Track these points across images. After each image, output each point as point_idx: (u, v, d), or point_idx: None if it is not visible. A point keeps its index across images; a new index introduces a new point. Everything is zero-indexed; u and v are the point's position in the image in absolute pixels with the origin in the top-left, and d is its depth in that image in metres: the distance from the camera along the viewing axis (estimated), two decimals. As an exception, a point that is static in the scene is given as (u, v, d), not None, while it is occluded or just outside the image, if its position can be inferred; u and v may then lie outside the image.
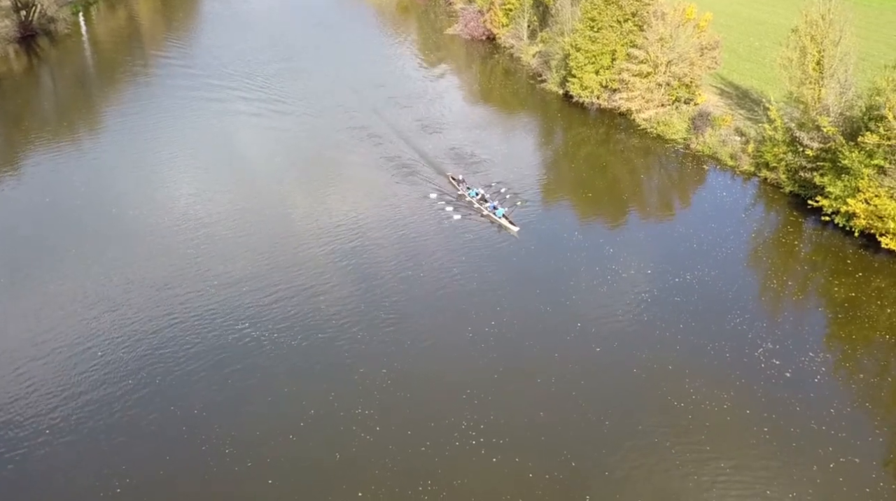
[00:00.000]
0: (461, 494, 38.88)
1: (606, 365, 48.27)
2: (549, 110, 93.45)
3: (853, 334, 51.77)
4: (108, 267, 58.34)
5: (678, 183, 75.12)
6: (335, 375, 47.21)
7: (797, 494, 38.74)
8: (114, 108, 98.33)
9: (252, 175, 75.99)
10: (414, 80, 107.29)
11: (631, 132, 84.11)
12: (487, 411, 43.83)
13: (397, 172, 75.29)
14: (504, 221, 62.83)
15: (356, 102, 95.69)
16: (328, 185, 72.76)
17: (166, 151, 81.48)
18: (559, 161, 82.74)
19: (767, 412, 43.79)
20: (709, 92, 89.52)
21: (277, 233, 63.98)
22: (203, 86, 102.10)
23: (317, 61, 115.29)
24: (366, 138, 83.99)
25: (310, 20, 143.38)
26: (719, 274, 56.58)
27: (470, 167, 75.95)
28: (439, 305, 54.19)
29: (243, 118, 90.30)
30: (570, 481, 39.82)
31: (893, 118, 54.86)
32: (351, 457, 40.76)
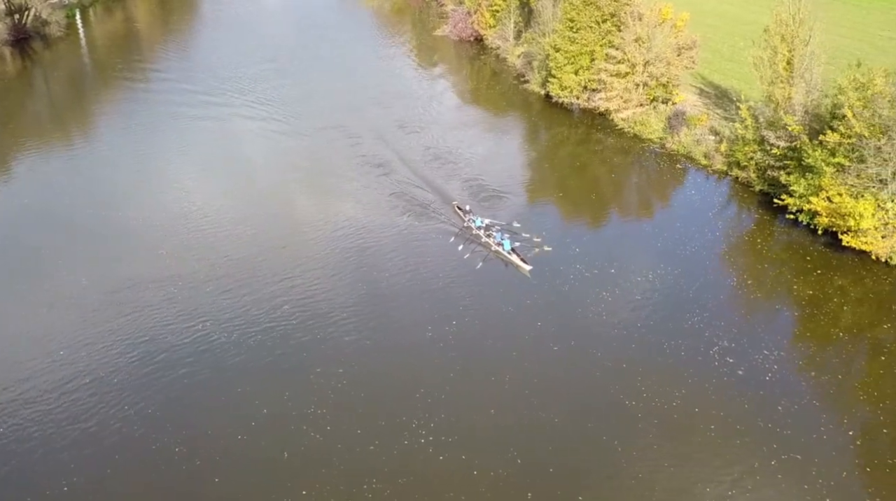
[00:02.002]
0: (404, 491, 39.56)
1: (561, 364, 48.85)
2: (532, 111, 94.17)
3: (810, 332, 52.34)
4: (72, 267, 59.44)
5: (650, 182, 75.88)
6: (292, 375, 47.94)
7: (735, 491, 38.77)
8: (102, 111, 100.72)
9: (231, 173, 77.60)
10: (401, 82, 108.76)
11: (609, 132, 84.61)
12: (439, 410, 44.52)
13: (374, 172, 76.89)
14: (514, 258, 59.12)
15: (342, 103, 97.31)
16: (306, 181, 74.20)
17: (151, 156, 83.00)
18: (536, 161, 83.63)
19: (716, 410, 44.13)
20: (688, 91, 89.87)
21: (253, 237, 65.19)
22: (193, 93, 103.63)
23: (305, 63, 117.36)
24: (346, 137, 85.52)
25: (304, 22, 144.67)
26: (682, 273, 56.99)
27: (445, 167, 77.18)
28: (400, 306, 55.07)
29: (232, 123, 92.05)
30: (514, 478, 40.36)
31: (853, 117, 55.02)
32: (299, 456, 41.43)
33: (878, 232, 54.85)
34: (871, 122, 54.35)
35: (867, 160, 54.67)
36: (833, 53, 68.89)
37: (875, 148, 54.01)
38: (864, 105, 55.08)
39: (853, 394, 45.77)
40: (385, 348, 50.08)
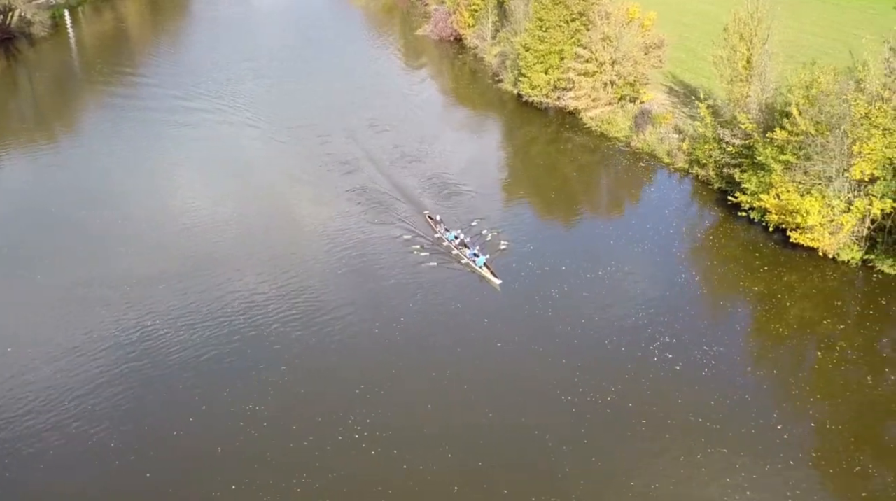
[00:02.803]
0: (333, 485, 40.27)
1: (502, 360, 49.59)
2: (505, 110, 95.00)
3: (753, 328, 53.06)
4: (30, 265, 60.82)
5: (610, 181, 76.84)
6: (234, 372, 48.79)
7: (658, 485, 39.40)
8: (82, 109, 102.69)
9: (199, 172, 78.78)
10: (378, 81, 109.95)
11: (578, 131, 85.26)
12: (377, 406, 45.22)
13: (341, 170, 77.95)
14: (486, 272, 57.48)
15: (318, 103, 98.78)
16: (268, 178, 75.55)
17: (129, 157, 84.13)
18: (503, 159, 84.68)
19: (649, 404, 44.76)
20: (658, 90, 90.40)
21: (206, 236, 66.28)
22: (173, 94, 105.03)
23: (287, 64, 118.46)
24: (316, 135, 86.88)
25: (291, 22, 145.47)
26: (631, 270, 57.66)
27: (413, 164, 78.30)
28: (349, 307, 55.69)
29: (209, 126, 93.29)
30: (443, 472, 41.09)
31: (798, 114, 55.52)
32: (232, 451, 42.09)
33: (824, 228, 54.97)
34: (817, 120, 54.48)
35: (813, 157, 54.88)
36: (806, 52, 69.13)
37: (821, 145, 54.27)
38: (811, 103, 55.20)
39: (787, 390, 46.40)
40: (329, 347, 50.78)
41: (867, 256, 56.34)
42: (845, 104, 53.12)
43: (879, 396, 45.61)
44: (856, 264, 56.51)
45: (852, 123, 52.90)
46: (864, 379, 46.75)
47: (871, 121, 52.65)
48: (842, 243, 56.57)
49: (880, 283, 54.65)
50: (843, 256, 56.81)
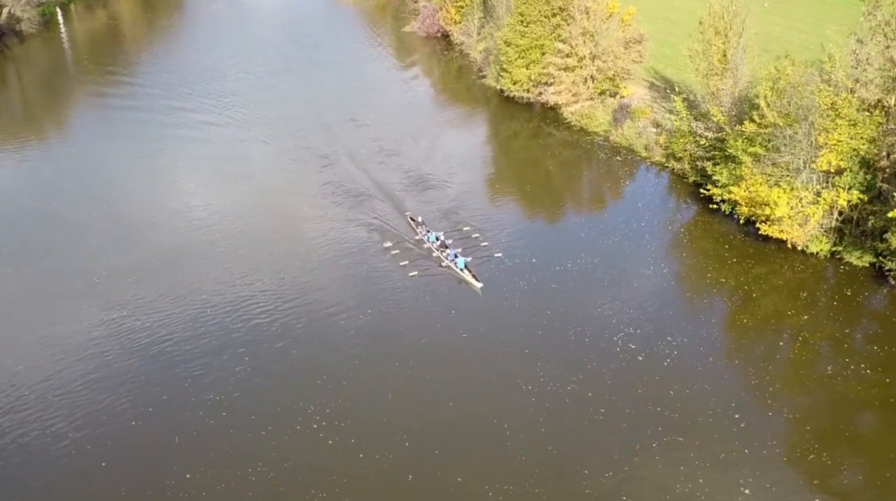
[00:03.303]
0: (287, 474, 40.40)
1: (467, 350, 49.71)
2: (489, 105, 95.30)
3: (718, 320, 53.34)
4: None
5: (587, 175, 77.50)
6: (196, 362, 49.04)
7: (611, 473, 39.52)
8: (66, 106, 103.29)
9: (180, 170, 78.91)
10: (363, 77, 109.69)
11: (559, 126, 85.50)
12: (337, 396, 45.33)
13: (319, 165, 78.15)
14: (467, 275, 56.33)
15: (303, 100, 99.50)
16: (243, 173, 75.82)
17: (113, 154, 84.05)
18: (485, 155, 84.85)
19: (609, 394, 44.88)
20: (640, 85, 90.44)
21: (181, 228, 66.67)
22: (161, 93, 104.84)
23: (274, 61, 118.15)
24: (296, 130, 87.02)
25: (285, 19, 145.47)
26: (600, 262, 57.76)
27: (391, 159, 78.58)
28: (314, 295, 55.93)
29: (193, 126, 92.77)
30: (399, 460, 41.29)
31: (766, 106, 55.58)
32: (190, 441, 42.29)
33: (792, 220, 55.04)
34: (784, 112, 54.56)
35: (781, 149, 54.97)
36: (788, 47, 68.91)
37: (788, 137, 54.31)
38: (778, 95, 55.29)
39: (747, 379, 46.68)
40: (294, 339, 50.98)
41: (835, 248, 56.44)
42: (811, 96, 52.76)
43: (838, 386, 45.79)
44: (824, 256, 56.61)
45: (818, 115, 52.65)
46: (824, 369, 46.78)
47: (837, 113, 52.36)
48: (810, 235, 56.53)
49: (846, 274, 54.88)
50: (811, 248, 56.86)
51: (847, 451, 41.04)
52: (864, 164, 52.94)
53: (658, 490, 38.47)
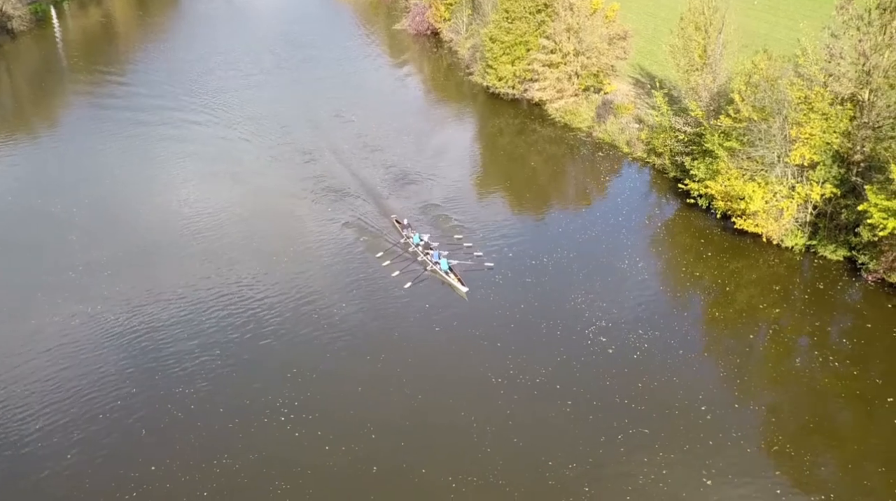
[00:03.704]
0: (252, 465, 40.72)
1: (438, 343, 49.98)
2: (475, 102, 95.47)
3: (690, 313, 53.51)
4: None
5: (568, 171, 77.62)
6: (168, 359, 49.39)
7: (576, 465, 39.72)
8: (56, 104, 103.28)
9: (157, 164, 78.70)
10: (350, 75, 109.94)
11: (543, 122, 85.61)
12: (306, 389, 45.43)
13: (303, 159, 78.38)
14: (452, 278, 55.18)
15: (290, 98, 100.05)
16: (222, 166, 76.01)
17: (100, 153, 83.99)
18: (469, 151, 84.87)
19: (577, 386, 45.10)
20: (625, 82, 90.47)
21: (158, 223, 67.11)
22: (147, 90, 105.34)
23: (264, 58, 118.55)
24: (281, 126, 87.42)
25: (277, 18, 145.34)
26: (576, 257, 57.90)
27: (374, 155, 78.73)
28: (292, 294, 56.19)
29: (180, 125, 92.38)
30: (364, 452, 41.54)
31: (740, 101, 55.68)
32: (157, 434, 42.59)
33: (767, 214, 55.12)
34: (759, 106, 54.65)
35: (756, 143, 55.01)
36: (772, 43, 68.90)
37: (763, 131, 54.37)
38: (752, 89, 55.38)
39: (715, 372, 46.92)
40: (264, 330, 51.50)
41: (810, 242, 56.42)
42: (785, 90, 52.86)
43: (806, 379, 45.98)
44: (799, 250, 56.69)
45: (792, 109, 52.72)
46: (793, 362, 46.92)
47: (810, 106, 52.43)
48: (786, 229, 56.56)
49: (820, 268, 55.00)
50: (787, 242, 56.95)
51: (811, 443, 41.20)
52: (838, 158, 52.88)
53: (620, 481, 38.60)
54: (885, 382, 44.07)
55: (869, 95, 52.68)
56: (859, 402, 43.43)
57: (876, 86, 51.20)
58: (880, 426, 41.84)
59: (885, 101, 50.75)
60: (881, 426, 41.82)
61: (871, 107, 52.28)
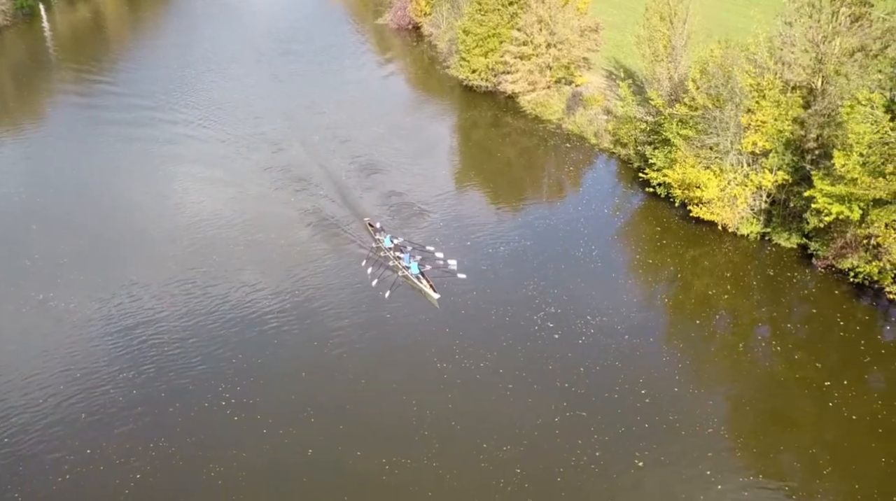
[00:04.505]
0: (188, 449, 40.99)
1: (386, 329, 50.21)
2: (452, 95, 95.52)
3: (639, 299, 53.53)
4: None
5: (535, 162, 77.80)
6: (114, 342, 49.77)
7: (510, 446, 39.92)
8: (36, 100, 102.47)
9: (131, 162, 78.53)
10: (328, 68, 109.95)
11: (516, 114, 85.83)
12: (250, 374, 45.58)
13: (270, 149, 78.30)
14: (422, 283, 53.40)
15: (267, 93, 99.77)
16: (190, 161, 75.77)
17: (78, 149, 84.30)
18: (441, 143, 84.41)
19: (520, 371, 45.22)
20: (598, 74, 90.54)
21: (125, 222, 67.35)
22: (137, 91, 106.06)
23: (251, 54, 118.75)
24: (254, 117, 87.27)
25: (267, 13, 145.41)
26: (532, 246, 58.15)
27: (345, 145, 78.88)
28: (239, 274, 56.55)
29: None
30: (303, 435, 41.69)
31: (695, 89, 55.77)
32: (96, 417, 42.82)
33: (722, 202, 55.23)
34: (713, 93, 54.77)
35: (709, 131, 55.09)
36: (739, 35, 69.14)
37: (715, 118, 54.47)
38: (707, 77, 55.52)
39: (658, 357, 47.03)
40: (211, 315, 51.84)
41: (765, 230, 56.44)
42: (736, 77, 52.94)
43: (746, 364, 46.30)
44: (755, 238, 56.84)
45: (743, 96, 52.80)
46: (736, 347, 47.14)
47: (761, 94, 52.50)
48: (741, 217, 56.62)
49: (773, 256, 55.16)
50: (742, 230, 57.14)
51: (745, 426, 41.58)
52: (791, 146, 52.88)
53: (553, 463, 38.85)
54: (824, 366, 44.36)
55: (821, 83, 52.38)
56: (798, 386, 44.03)
57: (827, 73, 50.90)
58: (817, 408, 42.67)
59: (837, 89, 50.33)
60: (817, 408, 42.66)
61: (824, 95, 51.96)
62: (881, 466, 38.07)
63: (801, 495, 36.94)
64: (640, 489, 37.33)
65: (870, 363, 44.75)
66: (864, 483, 37.46)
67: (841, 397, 42.04)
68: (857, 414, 41.13)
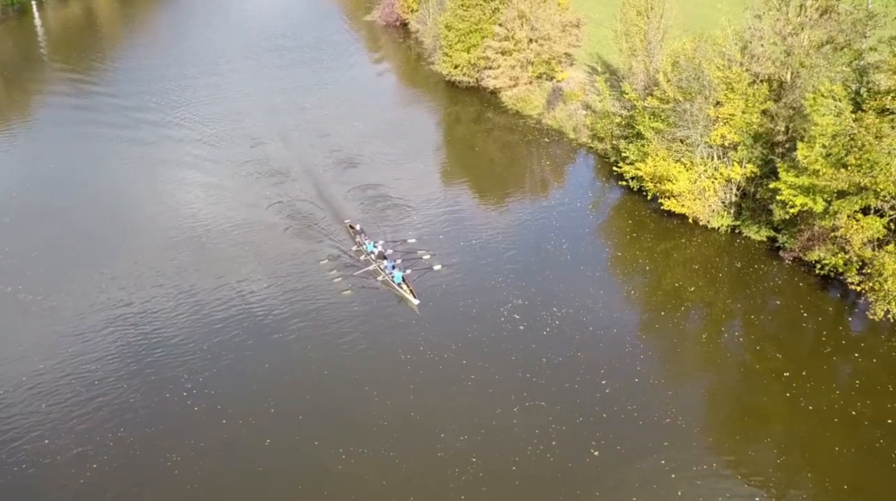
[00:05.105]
0: (146, 438, 41.18)
1: (351, 321, 50.30)
2: (436, 91, 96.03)
3: (606, 291, 53.38)
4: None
5: (513, 156, 77.98)
6: (80, 337, 50.12)
7: (468, 436, 40.18)
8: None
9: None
10: (312, 65, 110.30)
11: (498, 110, 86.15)
12: (213, 366, 45.99)
13: (249, 143, 78.32)
14: (404, 291, 52.07)
15: (251, 90, 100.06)
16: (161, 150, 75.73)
17: (57, 148, 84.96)
18: (422, 139, 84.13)
19: (482, 361, 45.33)
20: (581, 70, 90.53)
21: (101, 222, 67.59)
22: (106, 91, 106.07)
23: (238, 50, 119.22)
24: (235, 112, 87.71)
25: (259, 12, 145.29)
26: (504, 239, 58.35)
27: (323, 140, 79.17)
28: (207, 267, 56.78)
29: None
30: (260, 425, 42.08)
31: (665, 82, 55.82)
32: (57, 408, 43.09)
33: (692, 195, 55.28)
34: (683, 86, 54.81)
35: (679, 124, 55.14)
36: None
37: (685, 111, 54.50)
38: (678, 70, 55.59)
39: (621, 348, 46.95)
40: (180, 310, 52.22)
41: (735, 223, 56.37)
42: (704, 70, 53.00)
43: (709, 355, 46.56)
44: (725, 230, 56.89)
45: (712, 89, 52.85)
46: (699, 337, 47.45)
47: (730, 87, 52.55)
48: (713, 210, 56.62)
49: (742, 248, 55.32)
50: (713, 223, 57.17)
51: (702, 417, 41.75)
52: (760, 139, 52.86)
53: (509, 452, 38.89)
54: (785, 357, 44.59)
55: (790, 76, 52.41)
56: (758, 377, 44.47)
57: (796, 66, 50.92)
58: (774, 398, 42.87)
59: (804, 82, 50.36)
60: (775, 398, 42.87)
61: (793, 88, 52.00)
62: (833, 455, 38.38)
63: (754, 483, 36.77)
64: (594, 478, 37.49)
65: (830, 354, 44.62)
66: (816, 470, 37.89)
67: (799, 388, 41.93)
68: (813, 404, 40.87)
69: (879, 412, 39.76)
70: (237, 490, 37.82)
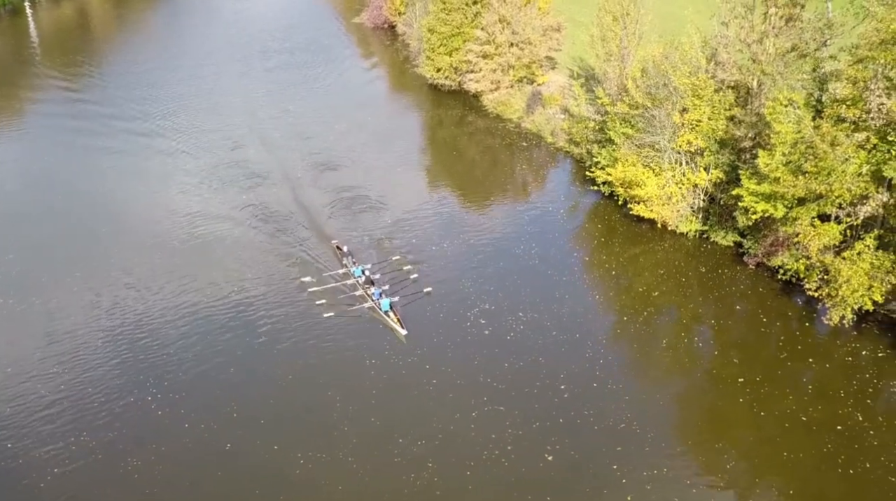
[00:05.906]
0: (108, 442, 42.04)
1: (317, 328, 50.87)
2: (420, 94, 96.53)
3: (571, 296, 53.85)
4: None
5: (491, 160, 78.62)
6: (45, 335, 51.16)
7: (425, 441, 40.74)
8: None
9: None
10: (302, 67, 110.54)
11: (479, 113, 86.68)
12: (179, 370, 46.47)
13: (229, 146, 78.93)
14: (391, 319, 50.39)
15: (235, 90, 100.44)
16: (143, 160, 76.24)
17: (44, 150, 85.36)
18: (402, 142, 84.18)
19: (446, 366, 45.97)
20: (562, 73, 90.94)
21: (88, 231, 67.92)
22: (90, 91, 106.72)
23: (226, 52, 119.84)
24: (218, 113, 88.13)
25: (251, 13, 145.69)
26: (474, 243, 58.99)
27: (306, 142, 79.99)
28: (180, 272, 57.15)
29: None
30: (221, 431, 42.66)
31: (634, 88, 56.36)
32: (21, 412, 44.00)
33: (660, 200, 55.84)
34: (652, 92, 55.35)
35: (648, 129, 55.69)
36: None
37: (653, 117, 55.06)
38: (647, 77, 56.14)
39: (581, 353, 47.43)
40: (146, 317, 52.66)
41: (703, 228, 56.92)
42: (670, 77, 53.53)
43: (669, 361, 47.15)
44: (693, 235, 57.38)
45: (679, 95, 53.40)
46: (659, 342, 47.75)
47: (696, 93, 53.10)
48: (681, 216, 57.17)
49: (709, 253, 55.96)
50: (682, 228, 57.66)
51: (657, 422, 42.07)
52: (727, 145, 53.39)
53: (465, 457, 39.43)
54: (741, 362, 45.06)
55: (756, 83, 52.95)
56: (713, 382, 45.24)
57: (759, 74, 51.45)
58: (728, 403, 43.59)
59: (767, 90, 50.92)
60: (728, 403, 43.57)
61: (758, 95, 52.56)
62: (782, 460, 39.26)
63: (703, 488, 37.47)
64: (546, 483, 37.99)
65: (786, 359, 45.19)
66: (765, 475, 38.78)
67: (753, 393, 42.48)
68: (766, 410, 41.46)
69: (830, 417, 40.27)
70: (193, 496, 38.37)
